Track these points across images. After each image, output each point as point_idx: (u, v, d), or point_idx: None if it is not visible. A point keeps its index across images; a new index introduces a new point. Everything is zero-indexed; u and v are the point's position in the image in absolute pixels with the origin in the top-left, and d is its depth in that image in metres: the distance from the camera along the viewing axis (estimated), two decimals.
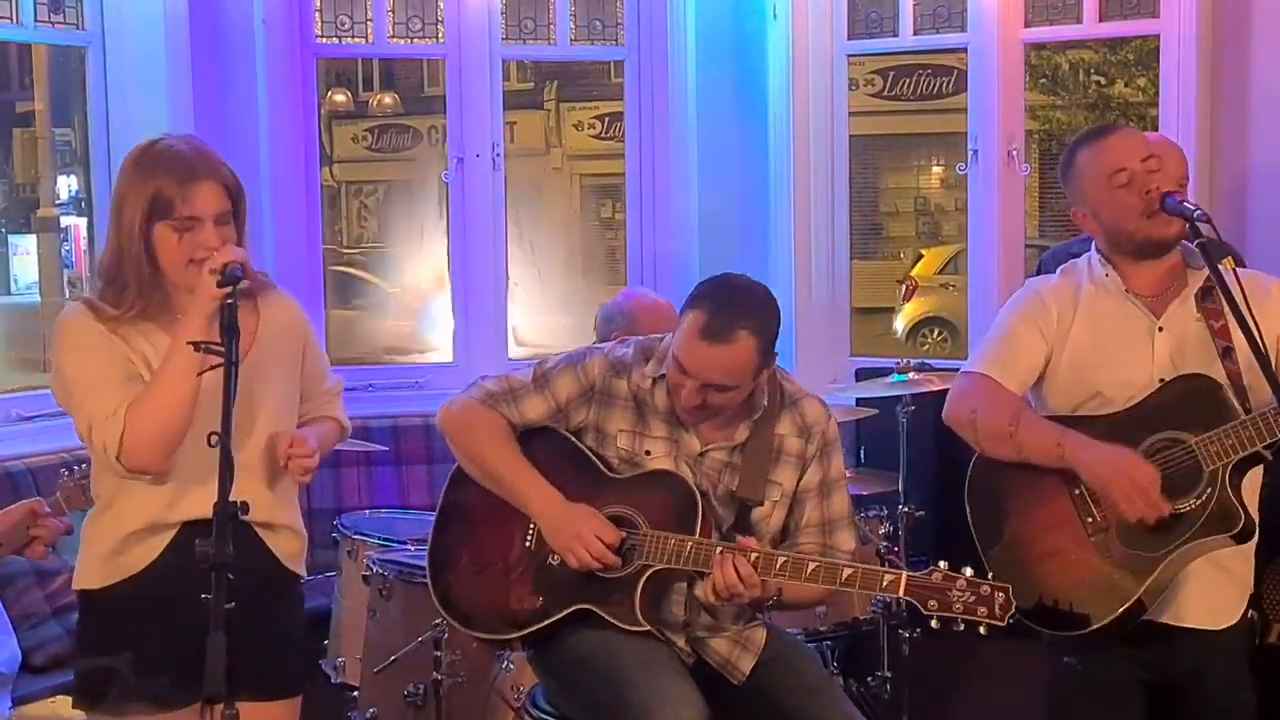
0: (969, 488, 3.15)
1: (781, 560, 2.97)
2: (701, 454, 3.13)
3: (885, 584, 2.93)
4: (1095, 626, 2.95)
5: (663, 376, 3.11)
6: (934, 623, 2.89)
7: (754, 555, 2.95)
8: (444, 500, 3.32)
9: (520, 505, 3.16)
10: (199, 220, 2.76)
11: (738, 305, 3.01)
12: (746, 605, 3.08)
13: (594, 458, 3.17)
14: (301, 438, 2.89)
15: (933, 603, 2.86)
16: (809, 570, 2.96)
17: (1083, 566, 2.98)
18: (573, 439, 3.20)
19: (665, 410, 3.14)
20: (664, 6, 5.70)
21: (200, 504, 2.71)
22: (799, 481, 3.17)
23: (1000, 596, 2.84)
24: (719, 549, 2.98)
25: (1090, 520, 3.00)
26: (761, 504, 3.13)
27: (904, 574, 2.92)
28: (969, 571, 2.88)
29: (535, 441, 3.21)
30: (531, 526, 3.17)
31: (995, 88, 5.37)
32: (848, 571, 2.96)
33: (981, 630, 2.86)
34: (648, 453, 3.14)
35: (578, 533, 3.05)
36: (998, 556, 3.07)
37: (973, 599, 2.85)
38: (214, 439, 2.46)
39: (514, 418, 3.20)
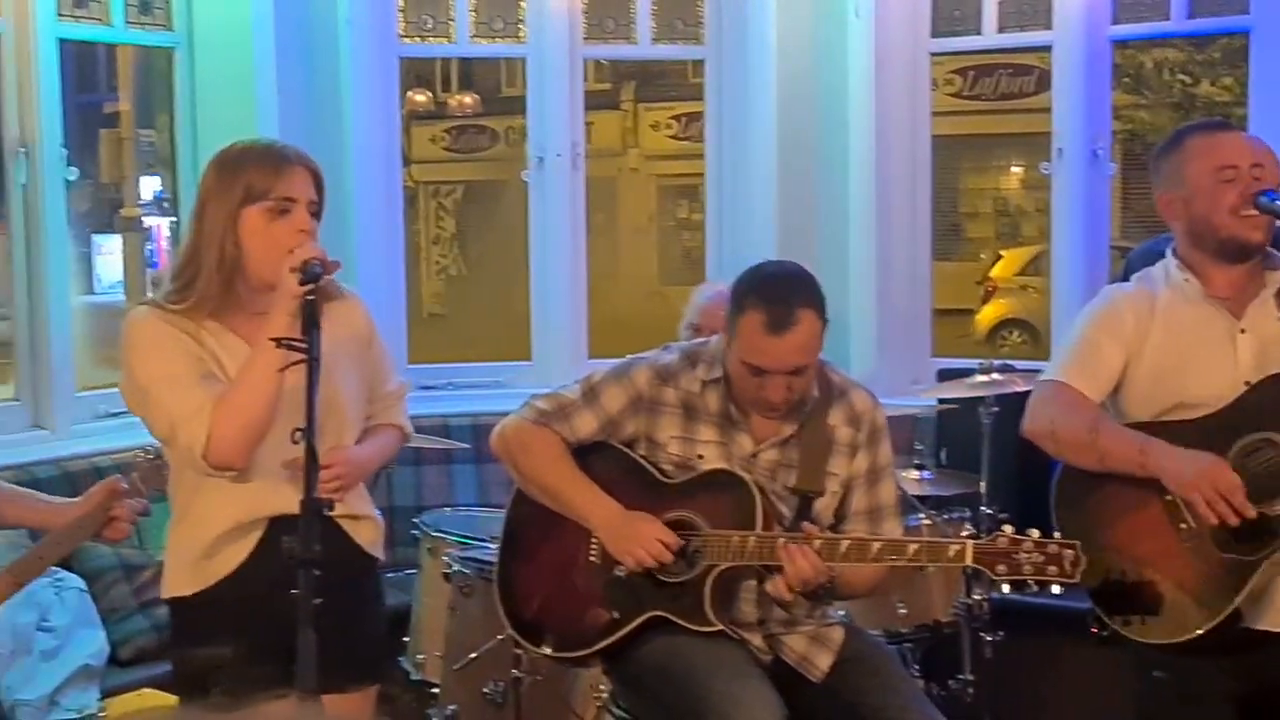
0: (1056, 499, 3.10)
1: (846, 544, 2.97)
2: (754, 455, 3.14)
3: (952, 554, 2.93)
4: (1191, 635, 2.89)
5: (714, 380, 3.14)
6: (1005, 587, 2.87)
7: (818, 541, 2.96)
8: (507, 522, 3.35)
9: (580, 519, 3.18)
10: (294, 202, 2.76)
11: (786, 289, 3.03)
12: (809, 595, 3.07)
13: (649, 466, 3.19)
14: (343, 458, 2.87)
15: (1001, 567, 2.85)
16: (874, 550, 2.96)
17: (1177, 574, 2.93)
18: (626, 450, 3.22)
19: (717, 414, 3.15)
20: (745, 5, 5.65)
21: (284, 499, 2.72)
22: (850, 469, 3.18)
23: (1069, 554, 2.82)
24: (782, 540, 2.98)
25: (1184, 526, 2.94)
26: (823, 494, 3.14)
27: (969, 542, 2.91)
28: (1035, 533, 2.86)
29: (590, 457, 3.23)
30: (594, 541, 3.18)
31: (1081, 85, 5.28)
32: (914, 547, 2.97)
33: (1055, 590, 2.84)
34: (700, 457, 3.15)
35: (637, 533, 3.07)
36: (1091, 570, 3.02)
37: (1042, 559, 2.83)
38: (298, 435, 2.47)
39: (567, 434, 3.22)
